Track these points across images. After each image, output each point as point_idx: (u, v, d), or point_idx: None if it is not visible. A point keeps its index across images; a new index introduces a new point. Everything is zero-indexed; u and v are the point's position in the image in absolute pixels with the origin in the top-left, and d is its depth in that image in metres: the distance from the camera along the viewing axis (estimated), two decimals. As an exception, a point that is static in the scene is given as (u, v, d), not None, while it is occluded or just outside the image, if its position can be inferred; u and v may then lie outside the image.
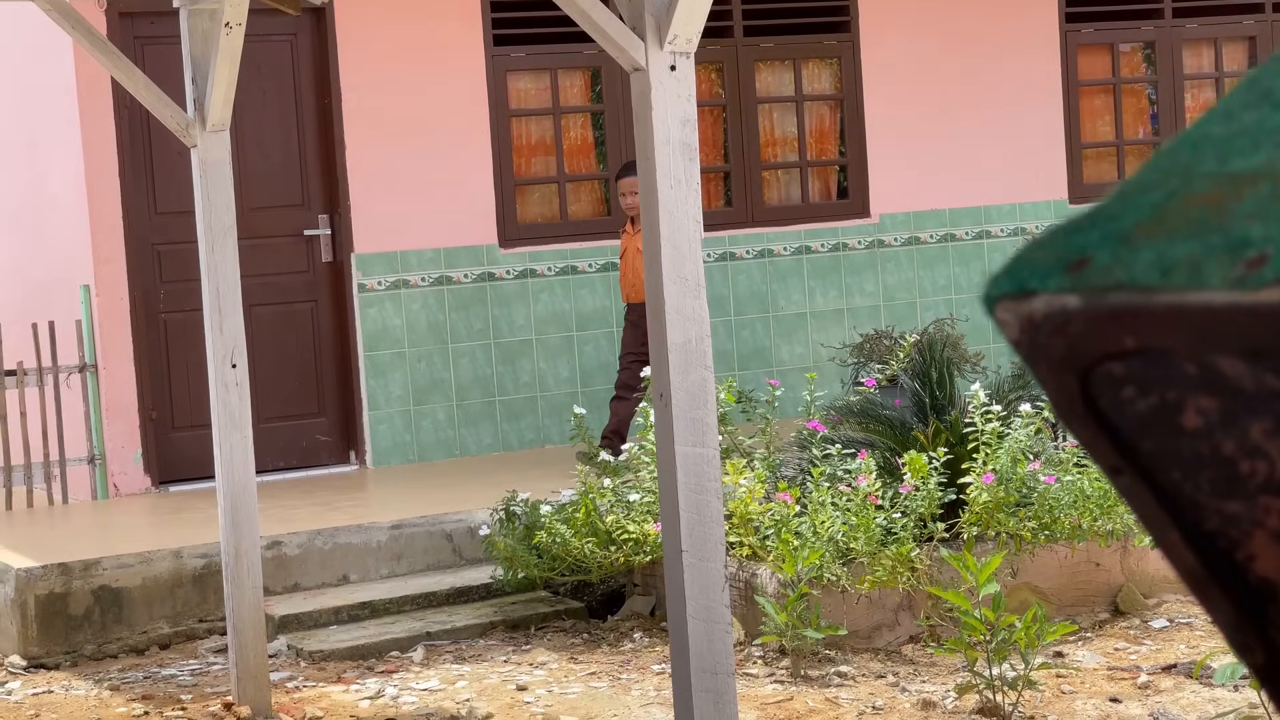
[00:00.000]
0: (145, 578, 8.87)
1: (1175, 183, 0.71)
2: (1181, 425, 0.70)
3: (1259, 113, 0.71)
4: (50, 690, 8.16)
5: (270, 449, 10.57)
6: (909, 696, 7.22)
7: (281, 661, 8.34)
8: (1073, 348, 0.71)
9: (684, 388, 4.78)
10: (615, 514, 8.48)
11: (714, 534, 4.80)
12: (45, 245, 11.26)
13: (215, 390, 7.48)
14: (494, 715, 7.37)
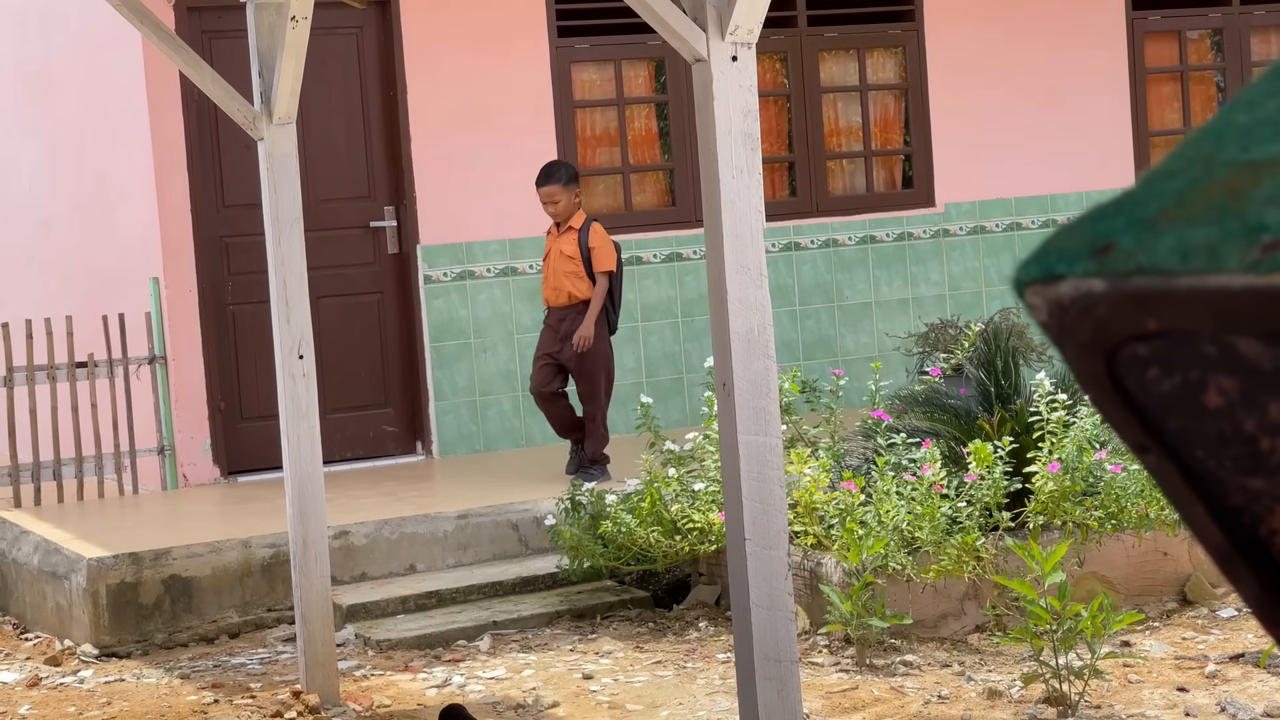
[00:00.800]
0: (214, 567, 8.96)
1: (1198, 170, 0.73)
2: (1204, 404, 0.72)
3: None
4: (122, 678, 8.26)
5: (337, 440, 10.65)
6: (975, 686, 7.22)
7: (349, 650, 8.41)
8: (1099, 330, 0.73)
9: (746, 376, 4.80)
10: (680, 503, 8.50)
11: (777, 522, 4.82)
12: (114, 238, 11.37)
13: (282, 381, 7.55)
14: (560, 704, 7.41)
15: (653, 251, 11.69)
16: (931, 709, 6.98)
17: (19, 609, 9.55)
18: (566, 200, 9.73)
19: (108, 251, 11.45)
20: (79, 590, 8.83)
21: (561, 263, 9.76)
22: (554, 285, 9.81)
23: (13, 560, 9.61)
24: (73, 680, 8.28)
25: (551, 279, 9.83)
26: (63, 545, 9.15)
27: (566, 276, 9.75)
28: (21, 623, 9.45)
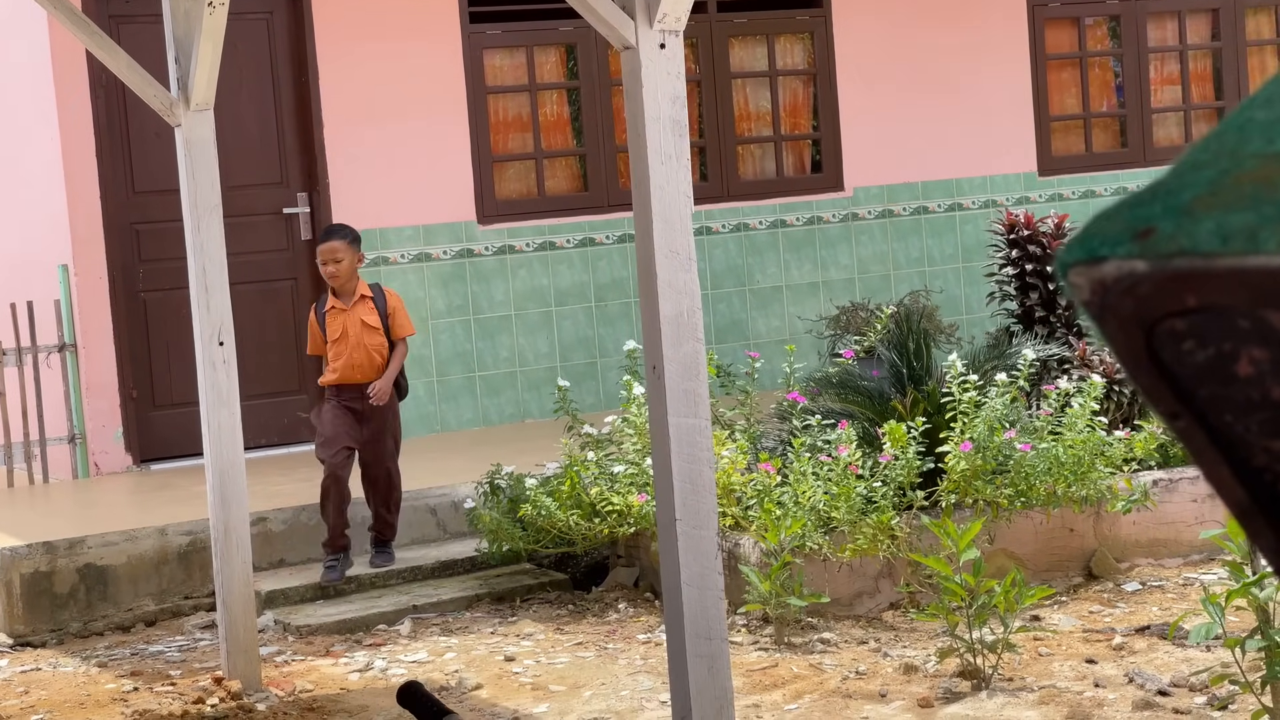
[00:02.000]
0: (130, 555, 8.94)
1: (1226, 162, 0.81)
2: (1235, 373, 0.80)
3: (1299, 99, 0.81)
4: (38, 668, 8.24)
5: (252, 426, 10.61)
6: (891, 661, 7.34)
7: (269, 636, 8.42)
8: (1140, 306, 0.81)
9: (676, 360, 4.88)
10: (599, 486, 8.57)
11: (707, 503, 4.91)
12: (22, 224, 11.29)
13: (203, 368, 7.55)
14: (483, 685, 7.47)
15: (565, 236, 11.75)
16: (850, 684, 7.10)
17: (-68, 599, 9.49)
18: (350, 261, 8.72)
19: (15, 237, 11.37)
20: (-6, 579, 8.78)
21: (367, 335, 8.76)
22: (359, 362, 8.75)
23: (-75, 550, 9.54)
24: (-10, 669, 8.24)
25: (356, 355, 8.75)
26: (-24, 534, 9.10)
27: (376, 350, 8.78)
28: (-65, 613, 9.38)
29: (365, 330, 8.74)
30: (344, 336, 8.74)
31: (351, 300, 8.76)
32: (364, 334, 8.73)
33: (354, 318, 8.74)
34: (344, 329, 8.74)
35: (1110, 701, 6.67)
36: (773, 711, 6.89)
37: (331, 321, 8.78)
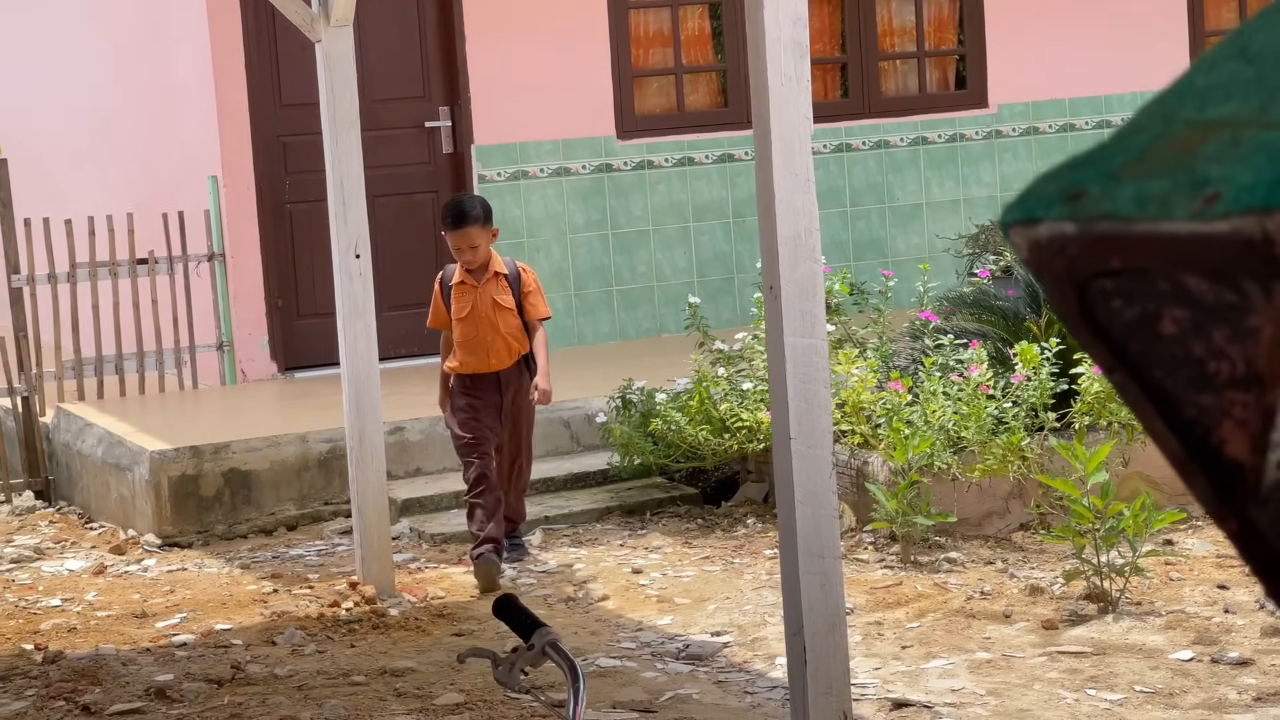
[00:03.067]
0: (273, 461, 9.15)
1: (1159, 127, 0.84)
2: (1160, 332, 0.84)
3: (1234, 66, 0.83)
4: (184, 568, 8.48)
5: (393, 337, 10.81)
6: (1017, 582, 7.35)
7: (404, 543, 8.60)
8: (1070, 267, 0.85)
9: (793, 280, 4.91)
10: (729, 402, 8.63)
11: (821, 422, 4.94)
12: (174, 137, 11.51)
13: (339, 280, 7.69)
14: (609, 597, 7.59)
15: (705, 152, 11.76)
16: (974, 604, 7.12)
17: (84, 499, 9.79)
18: (486, 243, 7.81)
19: (167, 150, 11.59)
20: (142, 482, 9.04)
21: (500, 316, 7.83)
22: (490, 346, 7.85)
23: (77, 452, 9.83)
24: (137, 569, 8.50)
25: (486, 338, 7.84)
26: (125, 438, 9.36)
27: (510, 335, 7.86)
28: (86, 513, 9.69)
29: (498, 311, 7.82)
30: (472, 315, 7.82)
31: (484, 277, 7.85)
32: (496, 314, 7.81)
33: (485, 296, 7.82)
34: (473, 307, 7.82)
35: (1239, 627, 6.64)
36: (894, 629, 6.94)
37: (459, 297, 7.86)
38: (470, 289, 7.85)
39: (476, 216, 7.74)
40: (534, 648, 2.93)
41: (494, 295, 7.83)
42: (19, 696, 6.58)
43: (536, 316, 7.93)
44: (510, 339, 7.84)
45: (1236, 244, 0.78)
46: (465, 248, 7.75)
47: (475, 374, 7.84)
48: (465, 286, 7.86)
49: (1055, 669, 6.33)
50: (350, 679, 6.57)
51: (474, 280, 7.84)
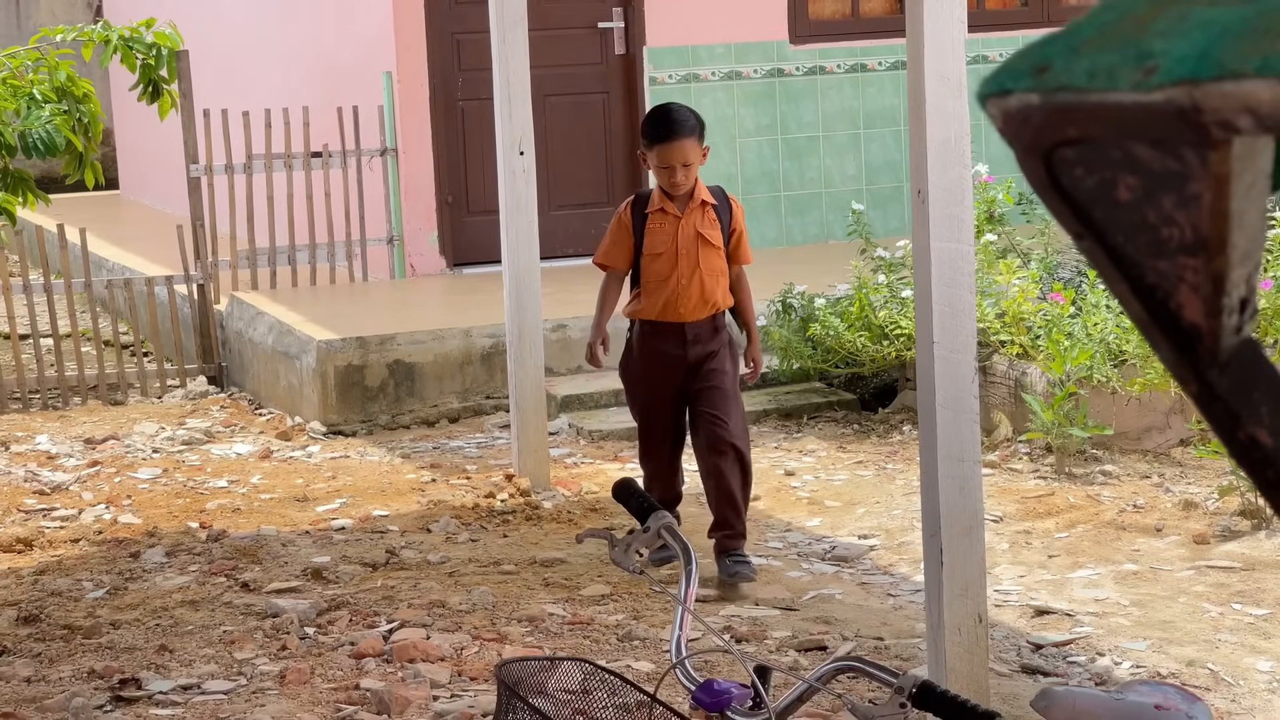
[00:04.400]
0: (437, 354, 9.33)
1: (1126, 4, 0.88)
2: (1117, 199, 0.88)
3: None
4: (346, 455, 8.70)
5: (560, 235, 10.93)
6: (1171, 497, 7.30)
7: (562, 439, 8.74)
8: (1036, 136, 0.89)
9: (941, 185, 4.90)
10: (889, 309, 8.63)
11: (966, 327, 4.95)
12: (350, 33, 11.67)
13: (503, 177, 7.79)
14: (761, 497, 7.66)
15: (878, 59, 11.69)
16: (1125, 517, 7.10)
17: (254, 386, 10.05)
18: (698, 162, 6.41)
19: (344, 45, 11.76)
20: (309, 370, 9.27)
21: (705, 255, 6.45)
22: (689, 292, 6.44)
23: (249, 339, 10.09)
24: (301, 454, 8.74)
25: (686, 281, 6.44)
26: (295, 327, 9.58)
27: (712, 278, 6.46)
28: (256, 399, 9.95)
29: (702, 246, 6.43)
30: (671, 252, 6.42)
31: (688, 205, 6.45)
32: (701, 252, 6.41)
33: (688, 229, 6.43)
34: (674, 242, 6.42)
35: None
36: (1042, 538, 6.94)
37: (657, 230, 6.44)
38: (671, 219, 6.41)
39: (691, 128, 6.32)
40: (649, 530, 3.00)
41: (699, 228, 6.41)
42: (183, 571, 6.82)
43: (747, 260, 6.62)
44: (712, 283, 6.41)
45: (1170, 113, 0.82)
46: (677, 165, 6.31)
47: (662, 322, 6.44)
48: (665, 215, 6.42)
49: (1202, 583, 6.30)
50: (500, 567, 6.72)
51: (676, 209, 6.41)
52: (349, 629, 6.05)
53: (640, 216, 6.51)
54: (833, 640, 5.78)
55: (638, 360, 6.58)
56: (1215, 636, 5.77)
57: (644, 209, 6.51)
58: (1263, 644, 5.69)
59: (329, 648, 5.89)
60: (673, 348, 6.46)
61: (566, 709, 2.85)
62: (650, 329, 6.49)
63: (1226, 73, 0.79)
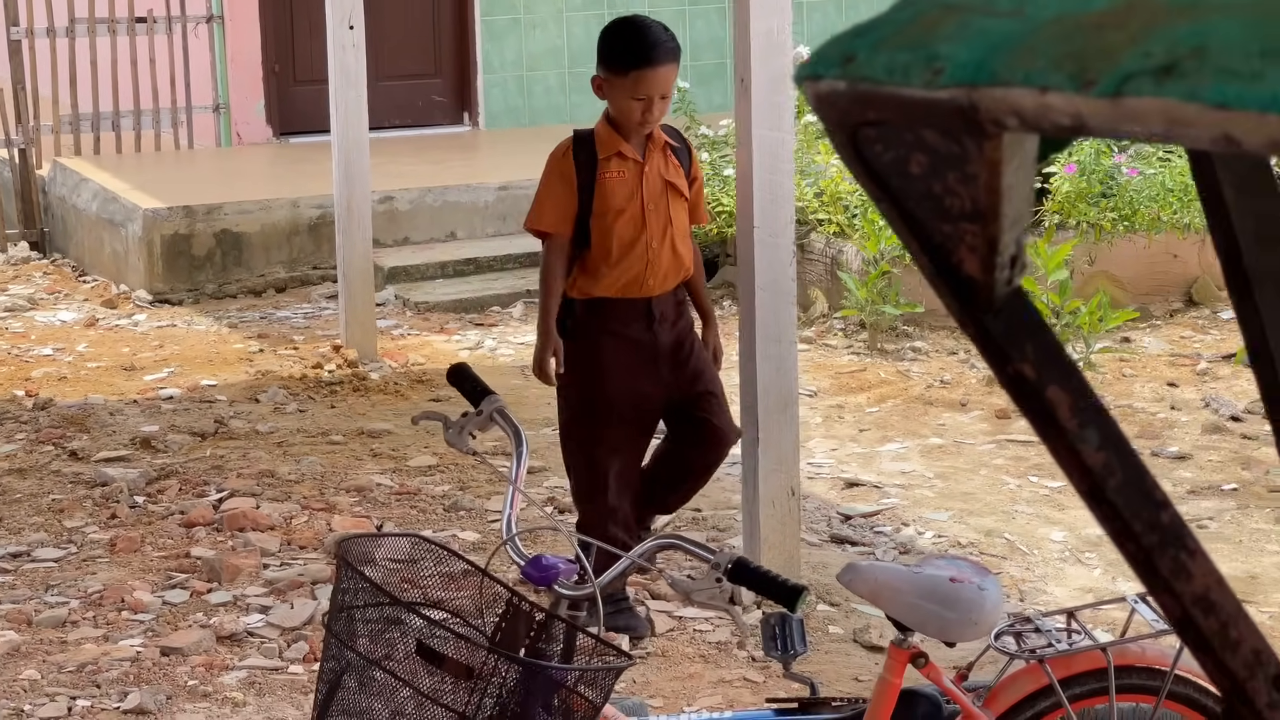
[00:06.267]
0: (264, 224, 9.36)
1: (922, 6, 1.04)
2: (910, 171, 1.05)
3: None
4: (173, 324, 8.73)
5: (386, 107, 10.94)
6: (976, 373, 7.60)
7: (388, 310, 8.84)
8: (842, 116, 1.05)
9: (764, 73, 5.06)
10: (711, 187, 8.81)
11: (784, 212, 5.13)
12: (175, -105, 11.51)
13: (333, 50, 7.82)
14: (584, 370, 7.83)
15: (704, -66, 11.77)
16: (933, 392, 7.39)
17: (78, 253, 10.00)
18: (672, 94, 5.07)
19: (167, -92, 11.60)
20: (135, 238, 9.25)
21: (677, 210, 5.04)
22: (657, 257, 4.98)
23: (72, 206, 10.03)
24: (127, 323, 8.75)
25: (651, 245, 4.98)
26: (120, 194, 9.54)
27: (684, 237, 5.06)
28: (80, 266, 9.91)
29: (673, 200, 5.02)
30: (636, 209, 4.97)
31: (647, 147, 5.01)
32: (672, 206, 5.01)
33: (653, 177, 5.00)
34: (639, 196, 4.97)
35: (1182, 424, 6.90)
36: (854, 413, 7.21)
37: (615, 180, 4.96)
38: (632, 165, 4.97)
39: (675, 49, 5.01)
40: (482, 413, 3.16)
41: (665, 175, 5.02)
42: (9, 439, 6.86)
43: (704, 220, 5.28)
44: (684, 247, 5.04)
45: (953, 109, 0.98)
46: (655, 96, 4.91)
47: (627, 300, 4.97)
48: (625, 161, 4.96)
49: (1002, 456, 6.61)
50: (329, 438, 6.84)
51: (635, 152, 4.97)
52: (179, 498, 6.15)
53: (588, 164, 4.94)
54: (653, 511, 5.99)
55: (595, 352, 4.95)
56: (1013, 508, 6.08)
57: (590, 153, 4.95)
58: (1057, 515, 6.01)
59: (159, 516, 5.99)
60: (638, 331, 4.96)
61: (395, 577, 3.00)
62: (605, 309, 4.94)
63: (998, 80, 0.96)
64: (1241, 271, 1.22)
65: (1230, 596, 1.18)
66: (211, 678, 4.81)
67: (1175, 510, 1.16)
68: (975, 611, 3.12)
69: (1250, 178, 1.20)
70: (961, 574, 3.15)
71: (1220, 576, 1.18)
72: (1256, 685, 1.19)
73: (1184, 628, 1.17)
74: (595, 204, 4.92)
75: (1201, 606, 1.17)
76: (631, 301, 4.94)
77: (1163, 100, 0.89)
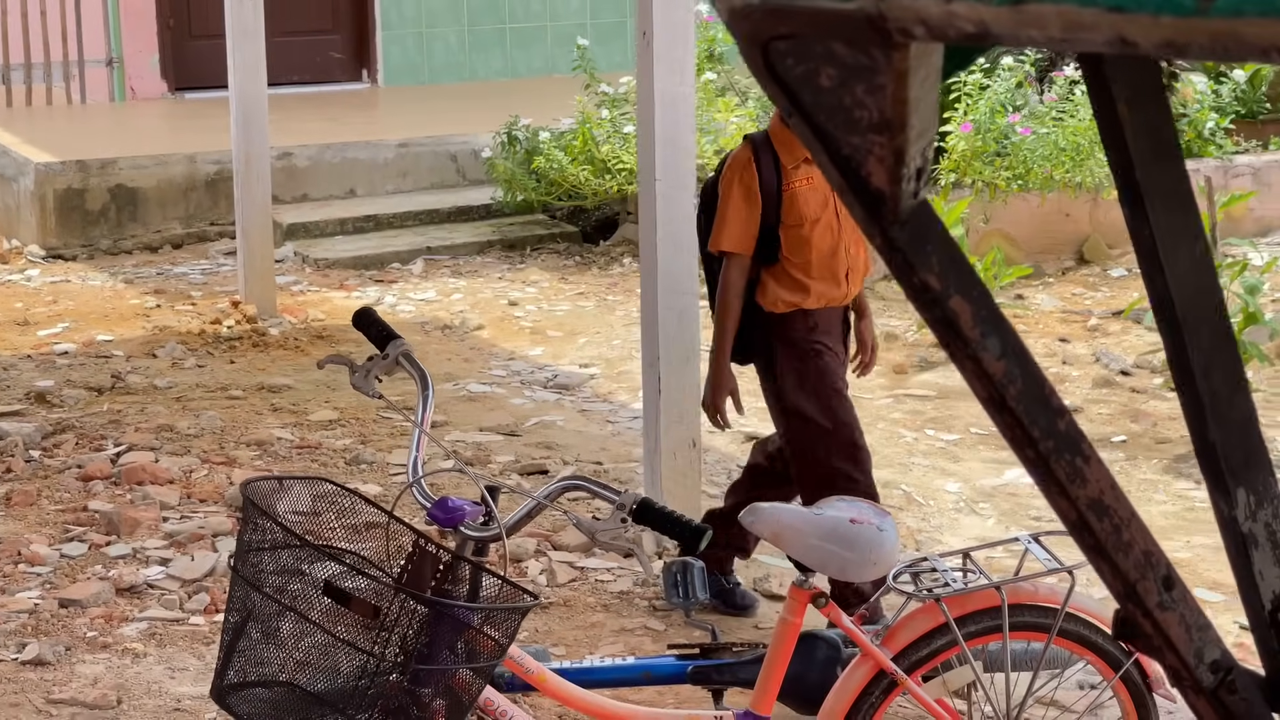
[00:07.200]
0: (160, 179, 9.28)
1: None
2: (820, 85, 1.08)
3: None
4: (68, 280, 8.65)
5: (284, 63, 10.87)
6: (874, 329, 7.68)
7: (288, 266, 8.80)
8: (755, 30, 1.08)
9: (667, 26, 5.09)
10: (611, 144, 8.83)
11: (686, 165, 5.17)
12: None
13: (230, 3, 7.76)
14: (485, 327, 7.85)
15: (603, -108, 11.77)
16: (831, 349, 7.45)
17: (-31, 209, 9.88)
18: None
19: None
20: (27, 193, 9.15)
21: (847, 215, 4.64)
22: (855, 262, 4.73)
23: (-36, 162, 9.90)
24: (20, 278, 8.66)
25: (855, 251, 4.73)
26: (11, 148, 9.43)
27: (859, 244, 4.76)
28: (-28, 223, 9.79)
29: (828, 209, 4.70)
30: (830, 216, 4.69)
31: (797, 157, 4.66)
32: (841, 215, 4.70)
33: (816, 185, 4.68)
34: (830, 201, 4.67)
35: (1073, 378, 7.02)
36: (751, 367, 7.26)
37: (808, 191, 4.65)
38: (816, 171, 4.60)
39: None
40: (388, 357, 3.17)
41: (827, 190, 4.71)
42: (-97, 395, 6.79)
43: None
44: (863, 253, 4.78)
45: (861, 19, 1.02)
46: None
47: (829, 309, 4.69)
48: (812, 167, 4.63)
49: (900, 410, 6.69)
50: (228, 393, 6.82)
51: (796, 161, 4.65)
52: (75, 452, 6.11)
53: (772, 173, 4.63)
54: (554, 464, 6.02)
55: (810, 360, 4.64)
56: (910, 460, 6.16)
57: (774, 161, 4.63)
58: (952, 467, 6.10)
59: (55, 470, 5.95)
60: (836, 341, 4.71)
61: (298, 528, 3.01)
62: (814, 320, 4.65)
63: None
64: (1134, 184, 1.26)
65: (1123, 501, 1.22)
66: (111, 629, 4.79)
67: (1072, 418, 1.20)
68: (875, 552, 3.17)
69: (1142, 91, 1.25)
70: (861, 515, 3.20)
71: (1114, 482, 1.23)
72: (1148, 585, 1.24)
73: (1079, 531, 1.22)
74: (785, 215, 4.58)
75: (1096, 510, 1.21)
76: (832, 311, 4.68)
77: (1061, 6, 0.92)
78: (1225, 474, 1.28)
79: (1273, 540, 1.28)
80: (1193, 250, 1.26)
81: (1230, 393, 1.28)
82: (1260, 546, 1.28)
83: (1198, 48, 0.88)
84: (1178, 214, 1.26)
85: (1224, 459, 1.28)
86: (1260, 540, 1.28)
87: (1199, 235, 1.27)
